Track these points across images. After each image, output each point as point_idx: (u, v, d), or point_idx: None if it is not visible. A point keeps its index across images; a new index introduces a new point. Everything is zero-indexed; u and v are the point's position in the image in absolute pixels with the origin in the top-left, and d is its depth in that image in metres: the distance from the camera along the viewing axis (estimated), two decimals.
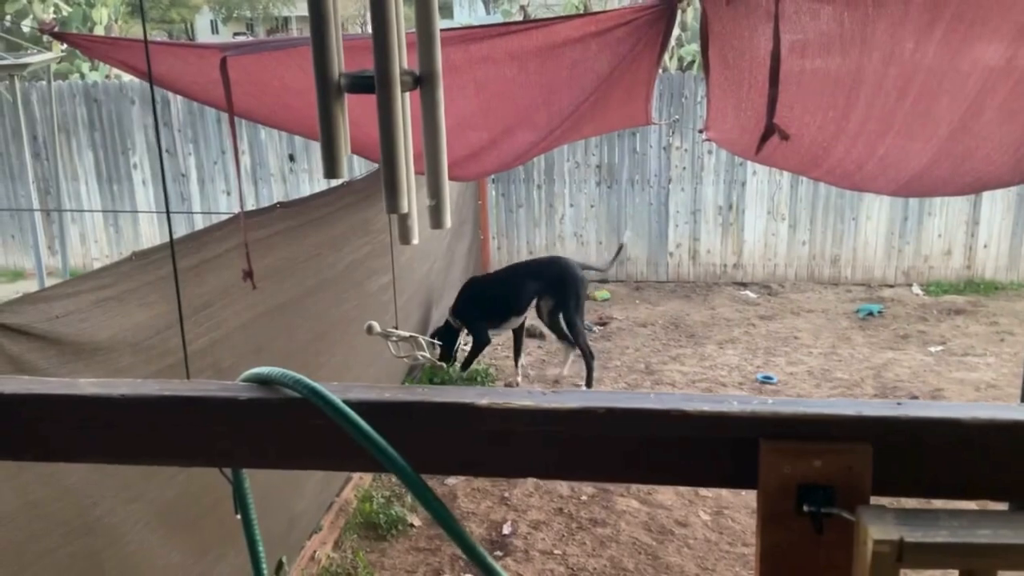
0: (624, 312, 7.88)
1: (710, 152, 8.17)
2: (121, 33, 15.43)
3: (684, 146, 8.23)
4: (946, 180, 3.58)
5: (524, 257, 8.78)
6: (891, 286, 8.26)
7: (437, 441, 1.18)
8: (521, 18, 13.71)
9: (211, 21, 36.81)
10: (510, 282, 6.10)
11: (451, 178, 4.37)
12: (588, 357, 6.00)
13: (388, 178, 1.27)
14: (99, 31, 13.90)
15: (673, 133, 8.21)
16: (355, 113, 1.17)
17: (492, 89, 3.07)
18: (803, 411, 1.25)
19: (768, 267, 8.47)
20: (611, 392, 1.39)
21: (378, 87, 1.18)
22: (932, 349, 6.71)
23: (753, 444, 1.24)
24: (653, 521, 4.43)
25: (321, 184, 6.45)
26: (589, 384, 5.97)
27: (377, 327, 2.23)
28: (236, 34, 34.69)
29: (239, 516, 1.09)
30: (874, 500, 1.26)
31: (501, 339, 6.81)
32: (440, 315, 6.61)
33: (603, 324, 7.57)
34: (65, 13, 13.50)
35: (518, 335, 6.33)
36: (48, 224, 9.01)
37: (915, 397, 5.76)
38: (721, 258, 8.54)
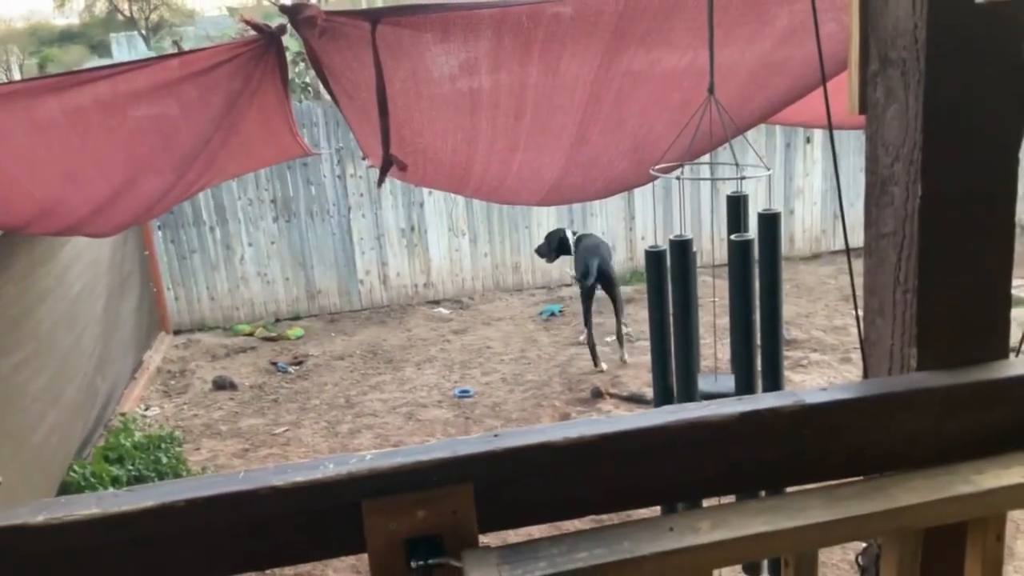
0: (320, 347, 7.65)
1: None
2: None
3: (359, 173, 8.18)
4: (581, 186, 3.82)
5: (207, 306, 8.24)
6: (568, 285, 8.83)
7: None
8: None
9: None
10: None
11: (83, 235, 3.92)
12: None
13: None
14: None
15: (340, 162, 8.14)
16: None
17: (99, 140, 2.76)
18: (401, 462, 1.18)
19: (457, 282, 8.69)
20: (196, 479, 1.24)
21: None
22: (608, 339, 7.24)
23: (356, 506, 1.14)
24: None
25: None
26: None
27: None
28: None
29: None
30: (485, 539, 1.22)
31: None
32: (110, 387, 5.96)
33: (298, 363, 7.28)
34: None
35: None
36: None
37: (597, 387, 6.17)
38: (411, 279, 8.61)
